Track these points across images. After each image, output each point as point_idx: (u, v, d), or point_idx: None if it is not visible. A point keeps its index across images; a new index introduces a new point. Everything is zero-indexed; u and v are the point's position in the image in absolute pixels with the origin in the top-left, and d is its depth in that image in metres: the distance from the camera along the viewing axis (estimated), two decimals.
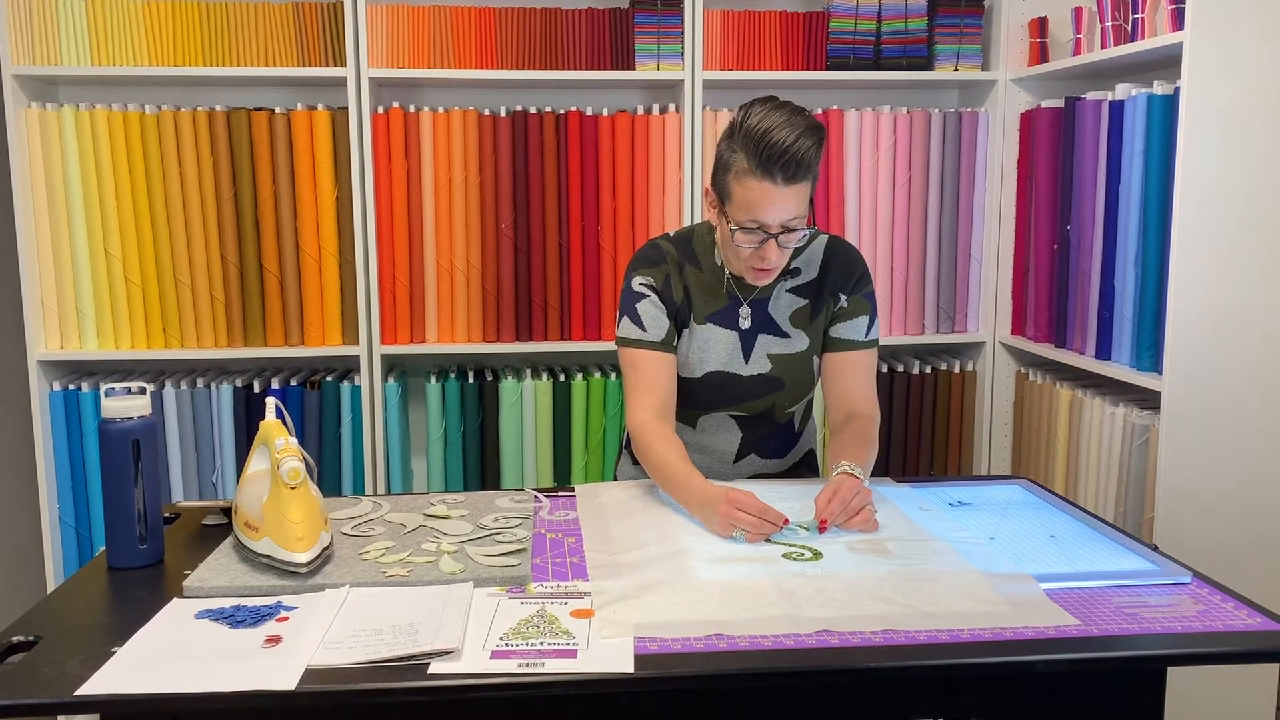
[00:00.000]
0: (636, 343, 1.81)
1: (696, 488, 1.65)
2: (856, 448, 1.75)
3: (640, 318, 1.82)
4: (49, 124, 2.63)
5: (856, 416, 1.84)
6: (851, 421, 1.83)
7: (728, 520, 1.56)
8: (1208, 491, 2.21)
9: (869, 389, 1.88)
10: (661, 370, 1.81)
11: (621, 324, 1.84)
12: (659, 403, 1.80)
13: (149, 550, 1.52)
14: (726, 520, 1.56)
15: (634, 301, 1.83)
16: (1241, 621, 1.31)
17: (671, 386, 1.83)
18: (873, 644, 1.24)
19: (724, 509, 1.56)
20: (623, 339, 1.83)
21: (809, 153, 1.62)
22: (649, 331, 1.81)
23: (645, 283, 1.83)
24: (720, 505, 1.57)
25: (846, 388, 1.87)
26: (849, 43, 2.84)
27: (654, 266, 1.84)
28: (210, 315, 2.73)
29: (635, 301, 1.83)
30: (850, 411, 1.85)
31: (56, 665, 1.19)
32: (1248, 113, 2.14)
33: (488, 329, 2.82)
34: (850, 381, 1.87)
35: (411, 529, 1.63)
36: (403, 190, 2.74)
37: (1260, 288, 2.19)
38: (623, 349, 1.83)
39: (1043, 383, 2.79)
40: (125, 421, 1.49)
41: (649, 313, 1.82)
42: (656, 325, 1.82)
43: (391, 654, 1.19)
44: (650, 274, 1.84)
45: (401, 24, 2.70)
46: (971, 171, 2.93)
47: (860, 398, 1.86)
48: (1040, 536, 1.60)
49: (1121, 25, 2.42)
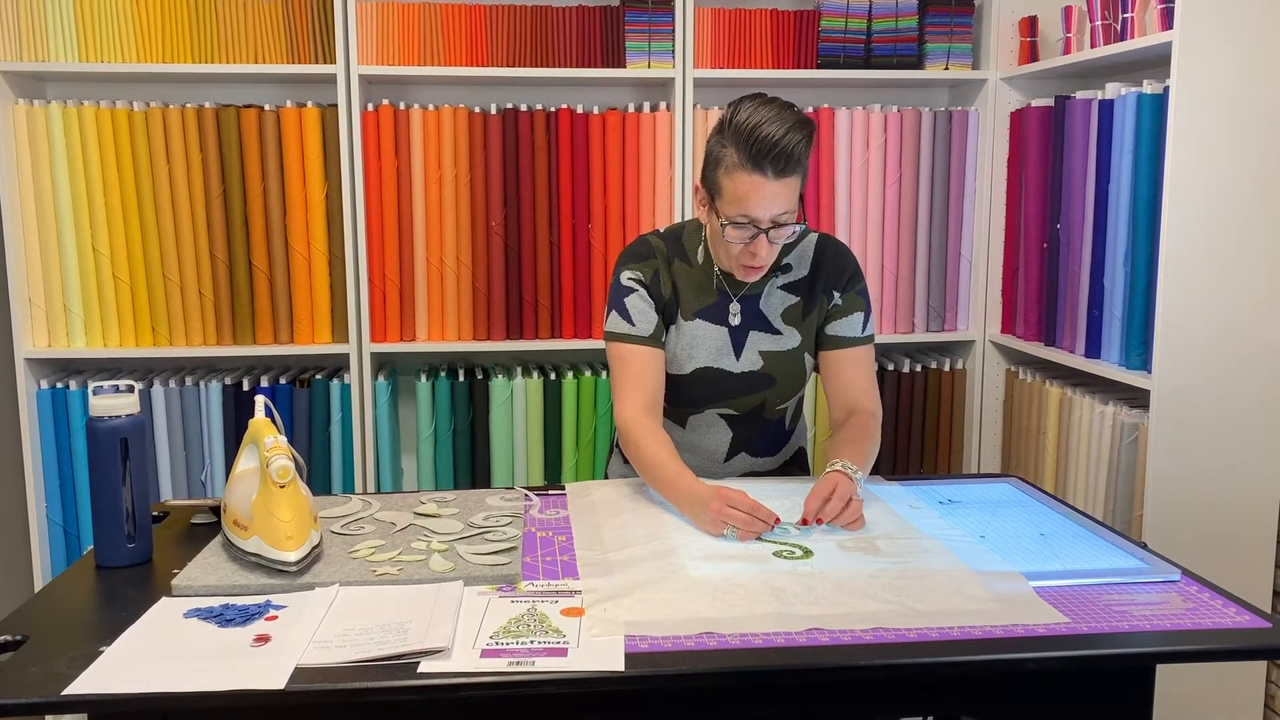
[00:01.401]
0: (624, 337, 1.81)
1: (686, 486, 1.64)
2: (853, 444, 1.76)
3: (629, 312, 1.82)
4: (36, 121, 2.61)
5: (857, 412, 1.84)
6: (852, 418, 1.83)
7: (719, 518, 1.56)
8: (1196, 489, 2.22)
9: (868, 384, 1.88)
10: (649, 365, 1.81)
11: (610, 319, 1.84)
12: (647, 398, 1.80)
13: (137, 549, 1.51)
14: (717, 518, 1.56)
15: (622, 296, 1.83)
16: (1230, 619, 1.31)
17: (659, 382, 1.83)
18: (863, 642, 1.24)
19: (715, 506, 1.56)
20: (611, 333, 1.83)
21: (799, 147, 1.63)
22: (637, 326, 1.81)
23: (634, 277, 1.83)
24: (711, 503, 1.57)
25: (846, 385, 1.87)
26: (840, 41, 2.84)
27: (643, 261, 1.85)
28: (199, 313, 2.72)
29: (624, 296, 1.83)
30: (851, 408, 1.85)
31: (44, 664, 1.19)
32: (1237, 112, 2.15)
33: (478, 327, 2.82)
34: (850, 378, 1.87)
35: (401, 527, 1.62)
36: (393, 188, 2.74)
37: (1249, 287, 2.20)
38: (610, 343, 1.83)
39: (1032, 381, 2.80)
40: (113, 420, 1.49)
41: (637, 307, 1.82)
42: (645, 320, 1.82)
43: (381, 653, 1.19)
44: (639, 269, 1.84)
45: (391, 20, 2.69)
46: (962, 170, 2.93)
47: (861, 393, 1.86)
48: (1030, 534, 1.60)
49: (1111, 24, 2.43)
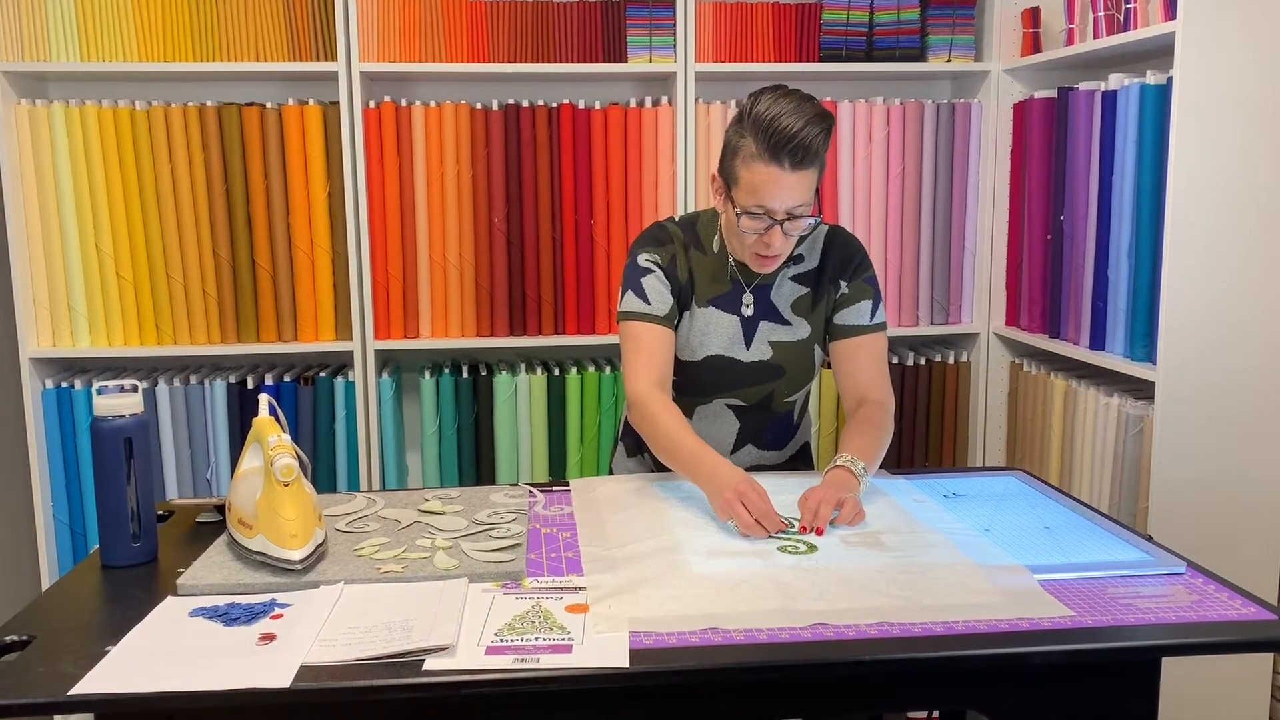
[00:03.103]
0: (639, 315, 1.81)
1: (709, 464, 1.65)
2: (859, 437, 1.75)
3: (645, 291, 1.81)
4: (39, 120, 2.61)
5: (866, 402, 1.83)
6: (861, 408, 1.83)
7: (727, 509, 1.57)
8: (1202, 481, 2.22)
9: (877, 373, 1.86)
10: (662, 344, 1.81)
11: (625, 298, 1.83)
12: (659, 375, 1.80)
13: (142, 548, 1.51)
14: (726, 509, 1.58)
15: (639, 276, 1.83)
16: (1235, 611, 1.31)
17: (670, 362, 1.83)
18: (868, 636, 1.24)
19: (728, 497, 1.58)
20: (625, 313, 1.83)
21: (816, 140, 1.63)
22: (653, 305, 1.81)
23: (652, 259, 1.83)
24: (725, 492, 1.58)
25: (855, 373, 1.86)
26: (841, 34, 2.83)
27: (661, 246, 1.85)
28: (203, 311, 2.72)
29: (640, 276, 1.83)
30: (861, 397, 1.85)
31: (50, 665, 1.19)
32: (1241, 102, 2.14)
33: (481, 323, 2.81)
34: (859, 367, 1.86)
35: (406, 525, 1.63)
36: (395, 184, 2.74)
37: (1253, 277, 2.19)
38: (624, 323, 1.83)
39: (1037, 373, 2.79)
40: (118, 419, 1.49)
41: (654, 287, 1.82)
42: (660, 300, 1.81)
43: (386, 651, 1.19)
44: (657, 252, 1.84)
45: (392, 17, 2.68)
46: (965, 162, 2.92)
47: (869, 382, 1.85)
48: (1035, 528, 1.60)
49: (1114, 15, 2.42)
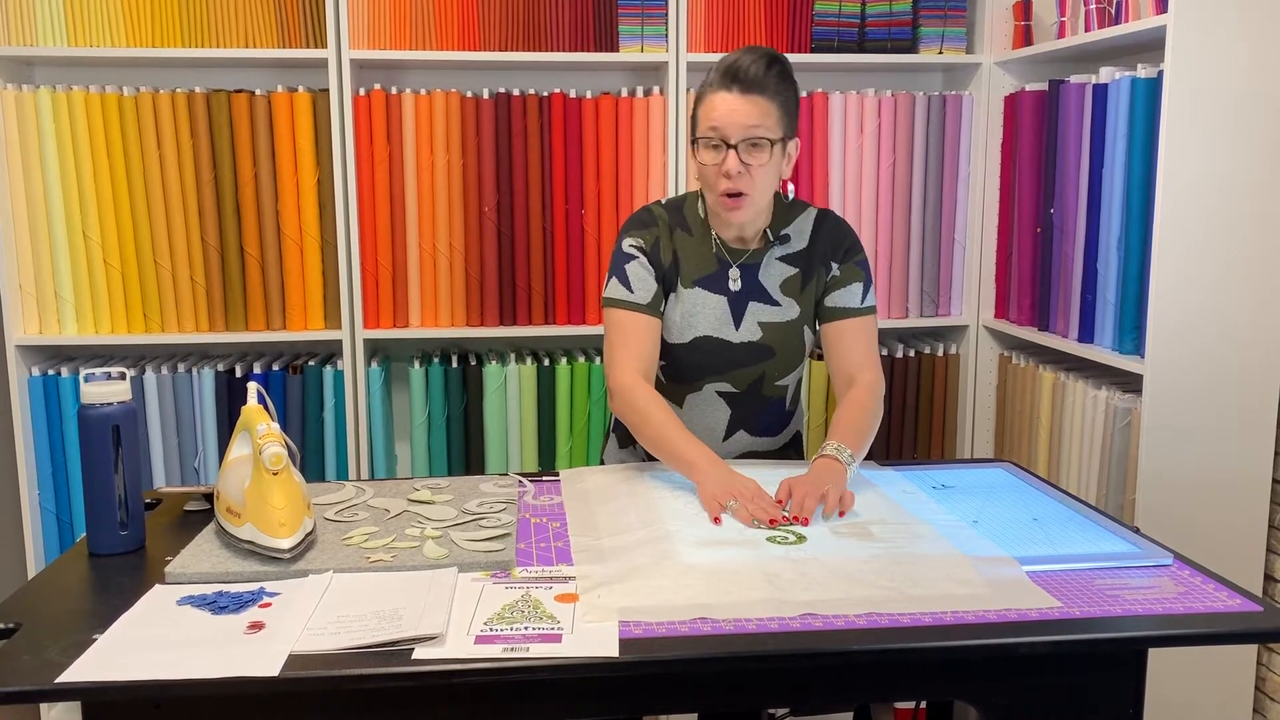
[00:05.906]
0: (622, 303, 1.83)
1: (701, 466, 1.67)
2: (847, 423, 1.76)
3: (628, 278, 1.83)
4: (25, 106, 2.59)
5: (856, 384, 1.84)
6: (850, 390, 1.84)
7: (716, 502, 1.59)
8: (1189, 474, 2.23)
9: (866, 354, 1.87)
10: (645, 332, 1.82)
11: (610, 285, 1.85)
12: (643, 365, 1.81)
13: (130, 536, 1.51)
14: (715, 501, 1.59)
15: (623, 263, 1.85)
16: (1221, 603, 1.32)
17: (654, 351, 1.84)
18: (856, 627, 1.24)
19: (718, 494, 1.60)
20: (609, 299, 1.84)
21: (764, 71, 1.71)
22: (636, 293, 1.82)
23: (635, 244, 1.85)
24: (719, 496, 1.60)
25: (845, 355, 1.87)
26: (833, 25, 2.83)
27: (645, 229, 1.87)
28: (191, 299, 2.71)
29: (624, 263, 1.84)
30: (850, 379, 1.86)
31: (36, 653, 1.19)
32: (1231, 96, 2.14)
33: (471, 313, 2.81)
34: (848, 348, 1.87)
35: (395, 514, 1.62)
36: (385, 173, 2.72)
37: (1242, 271, 2.20)
38: (608, 309, 1.84)
39: (1026, 366, 2.80)
40: (105, 407, 1.48)
41: (637, 274, 1.83)
42: (644, 288, 1.83)
43: (375, 640, 1.19)
44: (640, 236, 1.86)
45: (382, 4, 2.67)
46: (955, 154, 2.93)
47: (859, 364, 1.86)
48: (1023, 519, 1.61)
49: (1105, 8, 2.42)
